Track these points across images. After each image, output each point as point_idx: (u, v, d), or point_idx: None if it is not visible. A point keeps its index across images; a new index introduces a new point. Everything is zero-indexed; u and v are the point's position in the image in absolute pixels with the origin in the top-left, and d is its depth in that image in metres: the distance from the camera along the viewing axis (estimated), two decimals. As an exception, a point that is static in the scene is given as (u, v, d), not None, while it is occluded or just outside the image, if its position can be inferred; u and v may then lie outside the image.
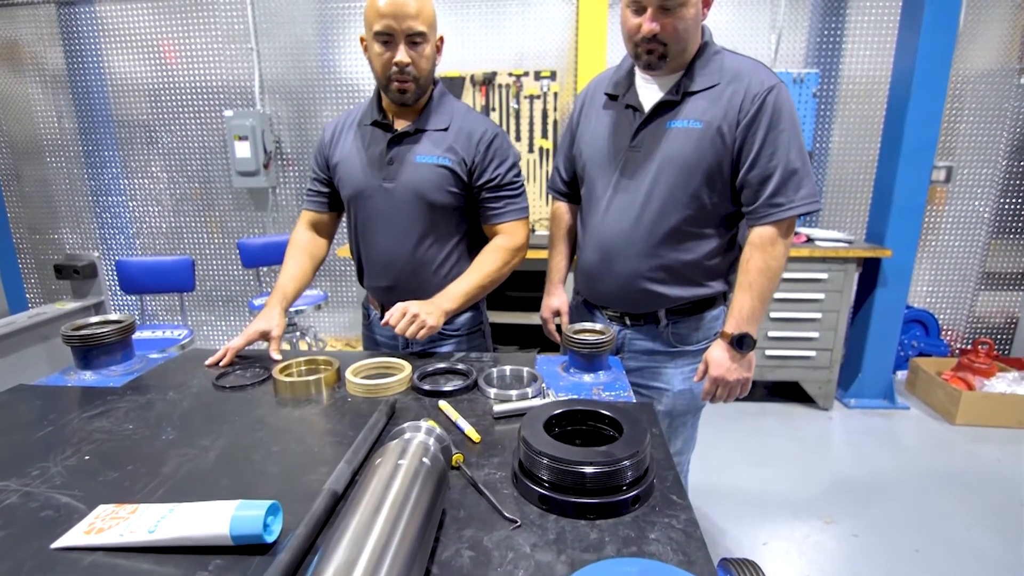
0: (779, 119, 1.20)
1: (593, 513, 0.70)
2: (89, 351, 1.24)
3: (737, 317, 1.26)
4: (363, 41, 1.33)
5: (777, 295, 2.89)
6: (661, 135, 1.27)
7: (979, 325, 3.68)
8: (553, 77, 3.38)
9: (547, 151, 3.49)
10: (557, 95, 3.41)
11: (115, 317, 1.31)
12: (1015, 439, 2.82)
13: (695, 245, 1.32)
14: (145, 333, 2.75)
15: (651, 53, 1.22)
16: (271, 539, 0.66)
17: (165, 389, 1.15)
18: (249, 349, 1.34)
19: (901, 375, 3.55)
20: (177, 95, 3.77)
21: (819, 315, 3.02)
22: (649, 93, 1.31)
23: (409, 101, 1.34)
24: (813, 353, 3.08)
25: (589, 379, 1.16)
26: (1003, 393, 2.95)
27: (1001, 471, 2.56)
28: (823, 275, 2.97)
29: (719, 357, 1.28)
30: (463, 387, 1.09)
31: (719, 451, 2.72)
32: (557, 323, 1.62)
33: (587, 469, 0.70)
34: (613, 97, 1.37)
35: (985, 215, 3.50)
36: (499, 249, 1.41)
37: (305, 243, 1.54)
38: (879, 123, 3.29)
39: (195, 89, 3.75)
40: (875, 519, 2.24)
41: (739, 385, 1.29)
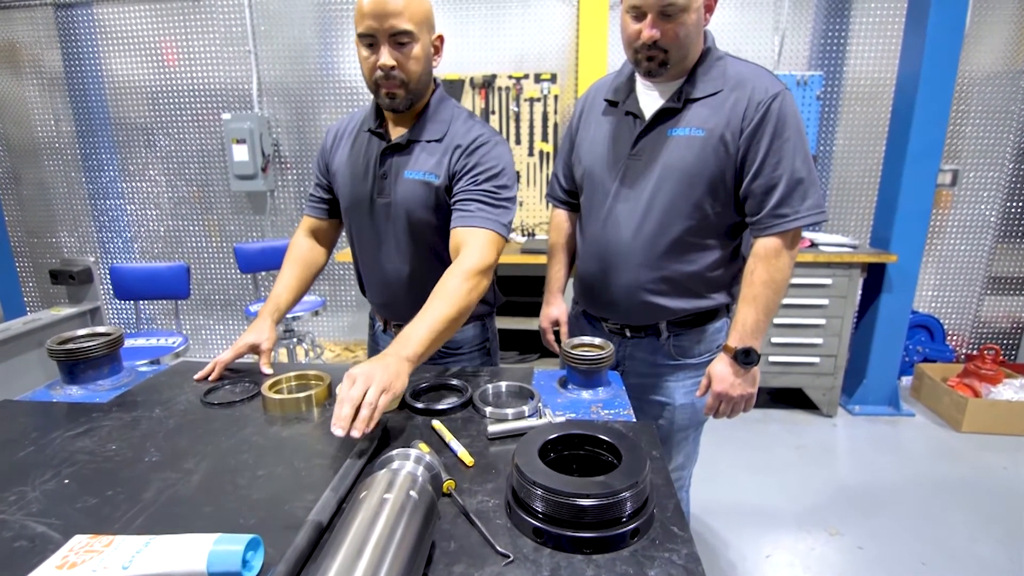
0: (784, 127, 1.16)
1: (590, 547, 0.66)
2: (75, 365, 1.21)
3: (741, 331, 1.22)
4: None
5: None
6: (662, 143, 1.24)
7: (985, 330, 3.63)
8: (553, 80, 3.35)
9: (547, 154, 3.45)
10: (557, 98, 3.38)
11: (103, 329, 1.28)
12: (1022, 447, 2.77)
13: (697, 256, 1.28)
14: (139, 341, 2.72)
15: (651, 60, 1.19)
16: (251, 575, 0.63)
17: (152, 405, 1.12)
18: (240, 362, 1.31)
19: (906, 381, 3.50)
20: (175, 98, 3.75)
21: (823, 321, 2.98)
22: (650, 100, 1.28)
23: (400, 107, 1.23)
24: (817, 359, 3.04)
25: (588, 395, 1.13)
26: (1010, 400, 2.90)
27: (1009, 480, 2.52)
28: (827, 280, 2.93)
29: (722, 372, 1.24)
30: (457, 405, 1.06)
31: (721, 460, 2.68)
32: (556, 331, 1.59)
33: (584, 502, 0.66)
34: (613, 103, 1.34)
35: (991, 219, 3.45)
36: (461, 273, 1.13)
37: (303, 251, 1.48)
38: (884, 126, 3.25)
39: (193, 92, 3.73)
40: (880, 530, 2.20)
41: (743, 401, 1.26)
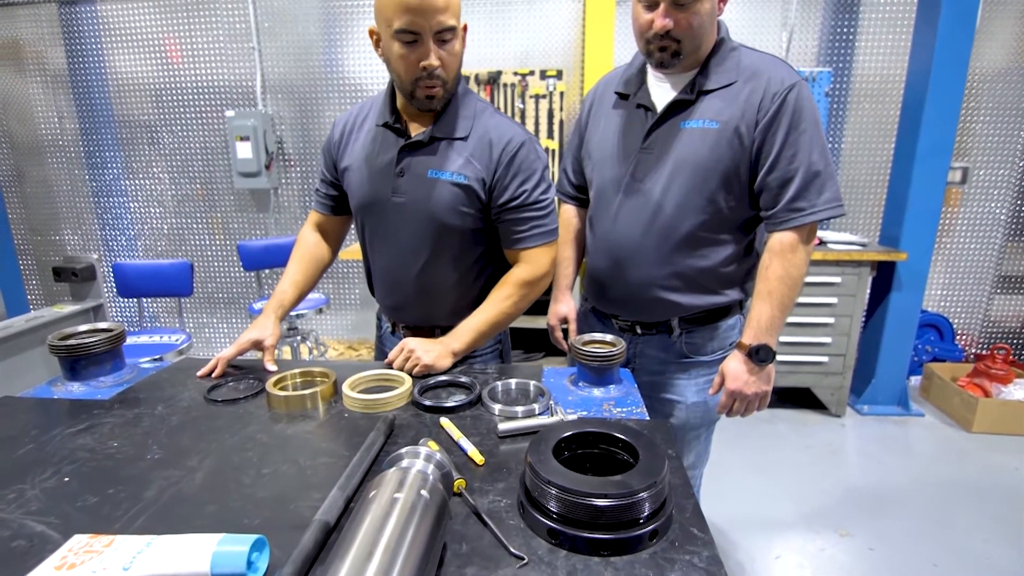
0: (800, 119, 1.14)
1: (607, 550, 0.64)
2: (77, 361, 1.19)
3: (755, 327, 1.19)
4: (373, 35, 1.16)
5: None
6: (675, 136, 1.21)
7: (995, 330, 3.59)
8: (559, 76, 3.32)
9: (553, 151, 3.43)
10: (563, 94, 3.35)
11: (105, 325, 1.26)
12: (1034, 448, 2.74)
13: (710, 251, 1.25)
14: (142, 338, 2.70)
15: (664, 50, 1.16)
16: (256, 577, 0.61)
17: (154, 402, 1.10)
18: (243, 358, 1.28)
19: (915, 381, 3.47)
20: (179, 95, 3.73)
21: (832, 320, 2.95)
22: (662, 92, 1.25)
23: (437, 107, 1.18)
24: (826, 359, 3.01)
25: (599, 394, 1.10)
26: (1021, 400, 2.87)
27: (1020, 481, 2.49)
28: (836, 279, 2.90)
29: (736, 369, 1.21)
30: (466, 402, 1.03)
31: (728, 460, 2.65)
32: (564, 329, 1.56)
33: (601, 502, 0.64)
34: (624, 96, 1.31)
35: (1001, 217, 3.41)
36: (519, 284, 1.25)
37: (310, 247, 1.44)
38: (893, 123, 3.21)
39: (197, 89, 3.71)
40: (891, 531, 2.17)
41: (757, 399, 1.23)
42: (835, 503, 2.35)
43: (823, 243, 2.99)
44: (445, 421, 0.96)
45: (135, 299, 3.32)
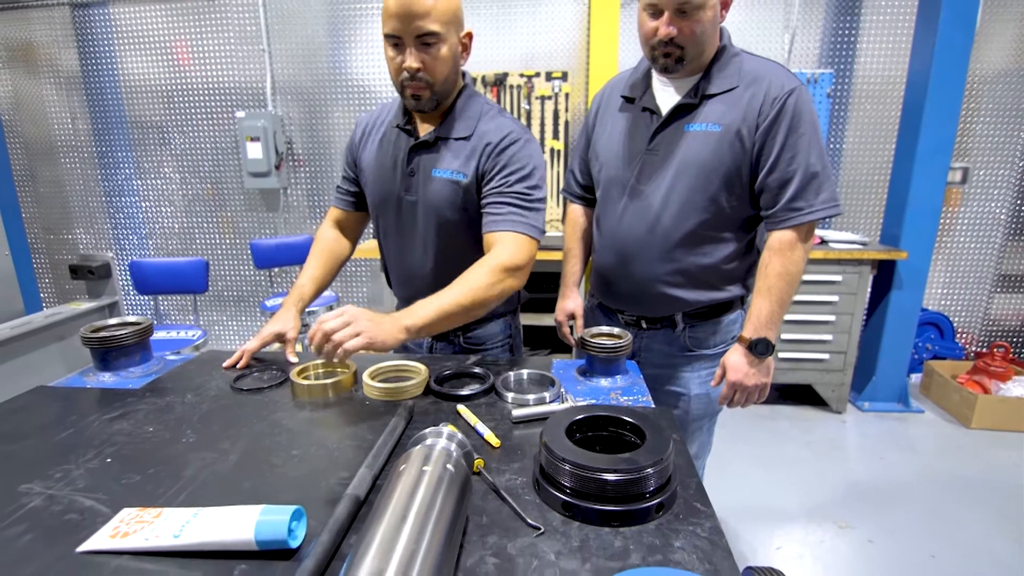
0: (799, 122, 1.19)
1: (617, 520, 0.69)
2: (108, 352, 1.24)
3: (755, 322, 1.25)
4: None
5: (791, 297, 2.87)
6: (679, 138, 1.27)
7: (995, 328, 3.64)
8: (564, 78, 3.38)
9: (559, 152, 3.48)
10: (568, 96, 3.40)
11: (133, 319, 1.32)
12: (1033, 444, 2.79)
13: (713, 249, 1.31)
14: (159, 334, 2.76)
15: (668, 56, 1.22)
16: (295, 544, 0.66)
17: (183, 391, 1.15)
18: (265, 351, 1.34)
19: (915, 378, 3.51)
20: (190, 96, 3.80)
21: (833, 318, 3.00)
22: (666, 96, 1.30)
23: (425, 108, 1.23)
24: (827, 356, 3.06)
25: (607, 383, 1.16)
26: (1020, 397, 2.91)
27: (1019, 476, 2.53)
28: (837, 277, 2.95)
29: (737, 362, 1.27)
30: (480, 391, 1.09)
31: (731, 454, 2.70)
32: (571, 325, 1.62)
33: (610, 476, 0.69)
34: (630, 100, 1.37)
35: (1001, 216, 3.46)
36: (495, 268, 1.15)
37: (329, 242, 1.49)
38: (894, 124, 3.26)
39: (207, 90, 3.77)
40: (890, 524, 2.21)
41: (757, 390, 1.28)
42: (836, 497, 2.40)
43: (825, 242, 3.04)
44: (462, 408, 1.01)
45: (148, 297, 3.39)
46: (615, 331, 1.22)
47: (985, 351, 3.38)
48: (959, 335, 3.65)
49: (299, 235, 3.51)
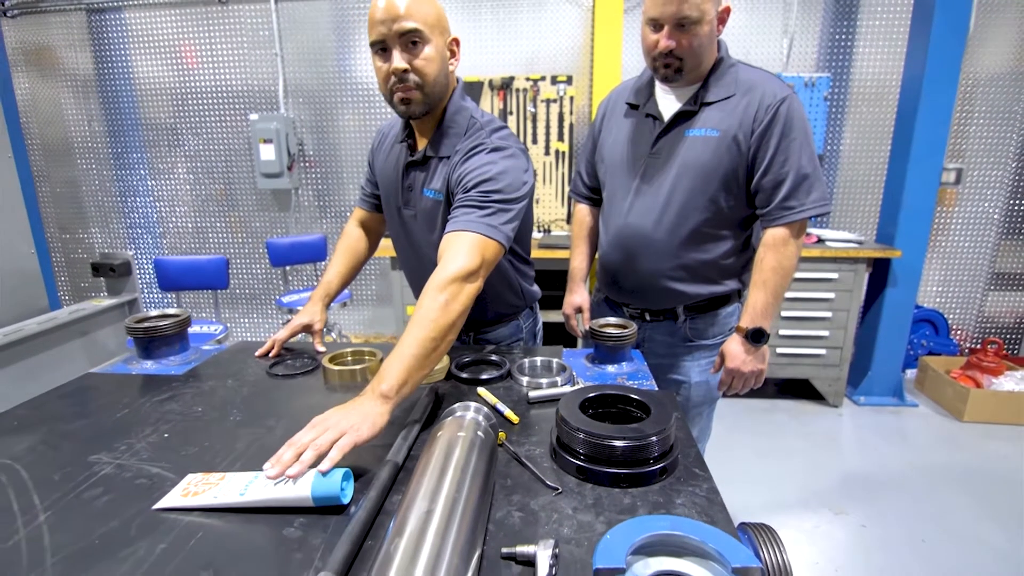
0: (791, 128, 1.29)
1: (625, 482, 0.79)
2: (151, 342, 1.34)
3: (752, 312, 1.35)
4: None
5: (788, 294, 2.96)
6: (680, 143, 1.36)
7: (988, 325, 3.73)
8: (569, 82, 3.47)
9: (563, 153, 3.58)
10: (573, 99, 3.50)
11: (172, 311, 1.42)
12: (1023, 436, 2.87)
13: (712, 246, 1.40)
14: (181, 328, 2.87)
15: (668, 67, 1.31)
16: (346, 500, 0.76)
17: (223, 377, 1.25)
18: (293, 341, 1.44)
19: (911, 374, 3.61)
20: (203, 99, 3.90)
21: (830, 314, 3.09)
22: (668, 103, 1.40)
23: (416, 113, 1.21)
24: (824, 351, 3.15)
25: (613, 369, 1.25)
26: (1011, 391, 3.00)
27: (1008, 467, 2.62)
28: (834, 275, 3.04)
29: (735, 350, 1.37)
30: (498, 376, 1.19)
31: (731, 446, 2.80)
32: (578, 318, 1.72)
33: (619, 443, 0.79)
34: (634, 106, 1.46)
35: (995, 216, 3.55)
36: (434, 286, 1.01)
37: (353, 240, 1.57)
38: (889, 126, 3.35)
39: (221, 93, 3.88)
40: (883, 511, 2.31)
41: (753, 376, 1.38)
42: (831, 485, 2.50)
43: (822, 241, 3.14)
44: (482, 390, 1.11)
45: (163, 294, 3.48)
46: (621, 321, 1.32)
47: (979, 347, 3.48)
48: (954, 332, 3.74)
49: (312, 234, 3.61)
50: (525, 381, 1.16)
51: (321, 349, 1.39)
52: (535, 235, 3.48)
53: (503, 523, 0.72)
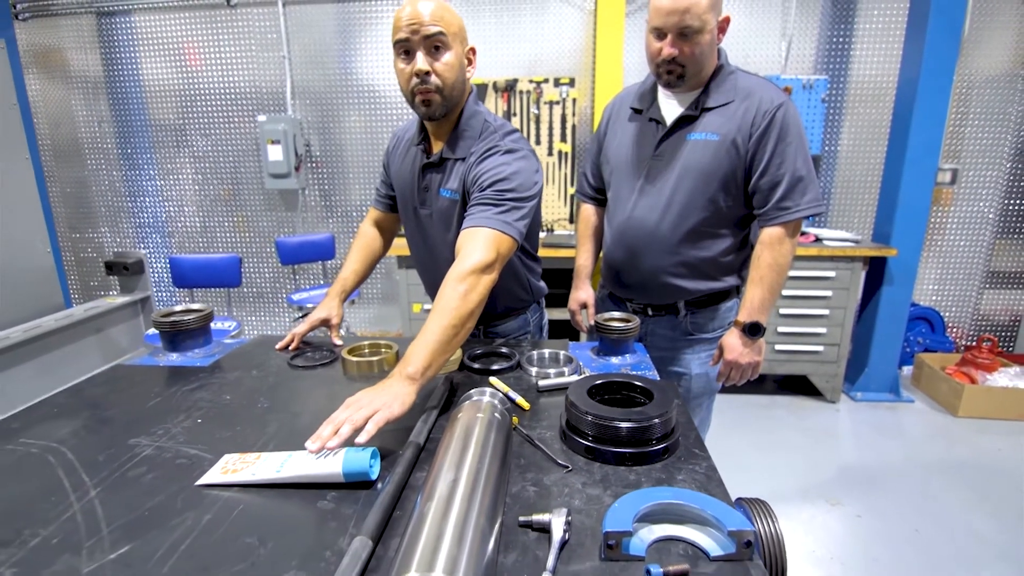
0: (787, 132, 1.35)
1: (630, 461, 0.86)
2: (177, 335, 1.41)
3: (749, 307, 1.41)
4: None
5: (786, 292, 3.04)
6: (681, 146, 1.43)
7: (984, 323, 3.79)
8: (572, 84, 3.54)
9: (566, 154, 3.64)
10: (576, 101, 3.57)
11: (196, 306, 1.48)
12: (1016, 431, 2.94)
13: (712, 244, 1.47)
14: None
15: (671, 73, 1.38)
16: (374, 476, 0.82)
17: (248, 368, 1.32)
18: (311, 335, 1.51)
19: (907, 370, 3.68)
20: (211, 100, 3.97)
21: (827, 312, 3.16)
22: (670, 108, 1.47)
23: (436, 114, 1.27)
24: (821, 348, 3.22)
25: (617, 361, 1.32)
26: (1005, 387, 3.07)
27: (1002, 461, 2.69)
28: (831, 273, 3.10)
29: (733, 343, 1.44)
30: (508, 367, 1.25)
31: (731, 440, 2.86)
32: (583, 313, 1.78)
33: (624, 424, 0.86)
34: (638, 111, 1.53)
35: (990, 216, 3.61)
36: (454, 277, 1.09)
37: (368, 239, 1.64)
38: (886, 127, 3.42)
39: (229, 95, 3.94)
40: (879, 502, 2.37)
41: (750, 368, 1.45)
42: (828, 478, 2.56)
43: (819, 240, 3.20)
44: (494, 379, 1.18)
45: (178, 292, 3.55)
46: (625, 315, 1.38)
47: (974, 344, 3.54)
48: (950, 329, 3.81)
49: (321, 233, 3.68)
50: (534, 371, 1.22)
51: (338, 342, 1.45)
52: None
53: (519, 496, 0.79)
